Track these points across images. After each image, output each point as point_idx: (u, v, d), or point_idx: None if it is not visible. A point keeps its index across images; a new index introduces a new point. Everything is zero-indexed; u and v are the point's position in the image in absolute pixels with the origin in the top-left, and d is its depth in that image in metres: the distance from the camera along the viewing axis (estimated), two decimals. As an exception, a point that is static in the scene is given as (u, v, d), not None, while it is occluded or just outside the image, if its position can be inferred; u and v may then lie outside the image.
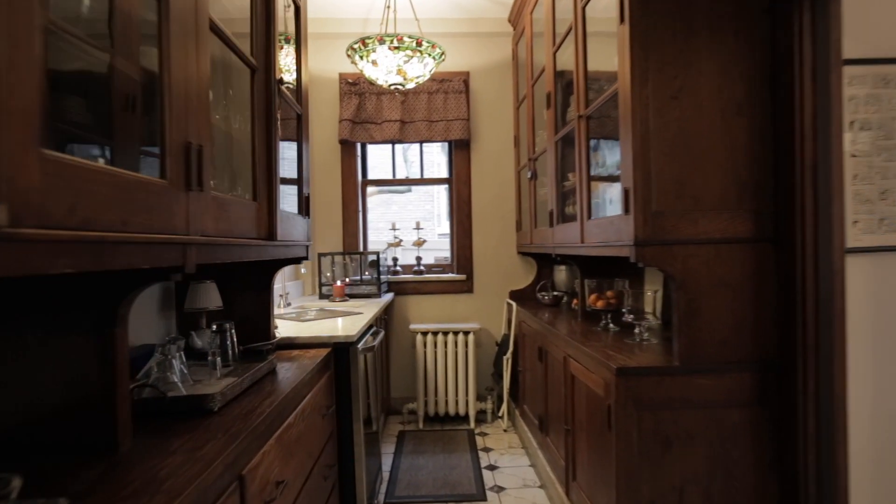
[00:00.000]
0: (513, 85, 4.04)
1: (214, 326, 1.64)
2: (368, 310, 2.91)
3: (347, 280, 3.76)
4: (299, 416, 1.55)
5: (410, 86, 3.21)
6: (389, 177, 4.66)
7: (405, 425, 3.81)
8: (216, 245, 1.20)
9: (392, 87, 3.21)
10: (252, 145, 1.49)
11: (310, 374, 1.74)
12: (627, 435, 1.75)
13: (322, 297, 3.63)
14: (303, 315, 2.69)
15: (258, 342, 2.04)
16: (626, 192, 1.82)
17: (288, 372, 1.71)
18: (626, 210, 1.82)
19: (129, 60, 0.99)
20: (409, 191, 9.46)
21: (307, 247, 2.08)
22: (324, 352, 2.03)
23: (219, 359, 1.50)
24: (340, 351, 2.17)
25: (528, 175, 3.52)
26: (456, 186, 4.12)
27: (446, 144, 4.32)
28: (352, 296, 3.63)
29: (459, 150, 4.09)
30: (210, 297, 1.94)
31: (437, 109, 3.95)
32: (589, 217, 2.32)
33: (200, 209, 1.11)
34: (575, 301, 3.22)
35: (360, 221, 4.17)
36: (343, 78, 3.98)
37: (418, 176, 5.11)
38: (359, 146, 4.18)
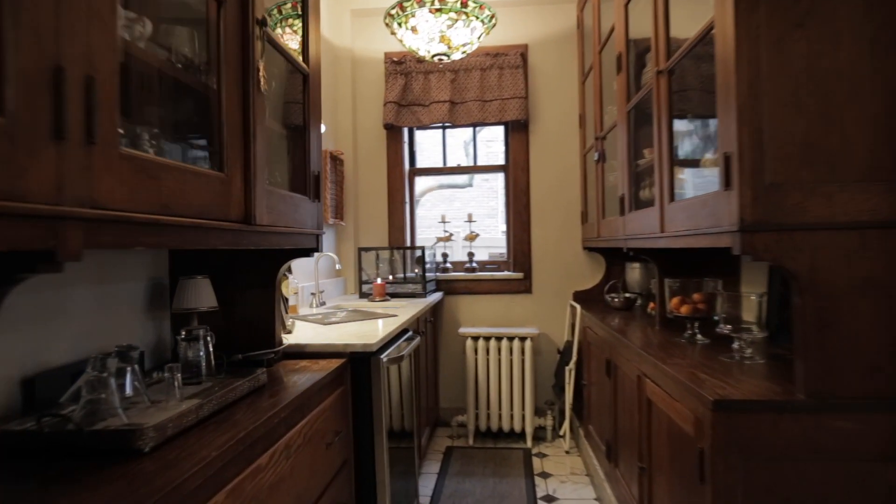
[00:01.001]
0: (578, 57, 3.54)
1: (183, 333, 1.32)
2: (406, 312, 2.54)
3: (391, 278, 3.42)
4: (280, 454, 1.19)
5: (456, 56, 2.82)
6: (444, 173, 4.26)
7: (454, 440, 3.42)
8: (133, 224, 0.85)
9: (436, 59, 2.82)
10: (217, 99, 1.14)
11: (308, 394, 1.38)
12: (729, 493, 1.26)
13: (363, 296, 3.31)
14: (330, 317, 2.36)
15: (260, 350, 1.72)
16: (726, 160, 1.33)
17: (282, 390, 1.36)
18: (727, 184, 1.33)
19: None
20: (471, 185, 9.02)
21: (317, 236, 1.73)
22: (336, 363, 1.67)
23: (179, 375, 1.17)
24: (361, 361, 1.80)
25: (595, 157, 3.02)
26: (513, 173, 3.67)
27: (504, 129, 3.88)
28: (395, 295, 3.29)
29: (516, 133, 3.65)
30: (201, 295, 1.63)
31: (491, 87, 3.53)
32: (671, 199, 1.83)
33: (90, 169, 0.76)
34: (651, 305, 2.70)
35: (407, 214, 3.82)
36: (388, 57, 3.65)
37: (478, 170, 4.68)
38: (406, 132, 3.83)
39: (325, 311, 2.61)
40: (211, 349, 1.36)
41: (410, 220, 3.88)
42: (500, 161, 3.92)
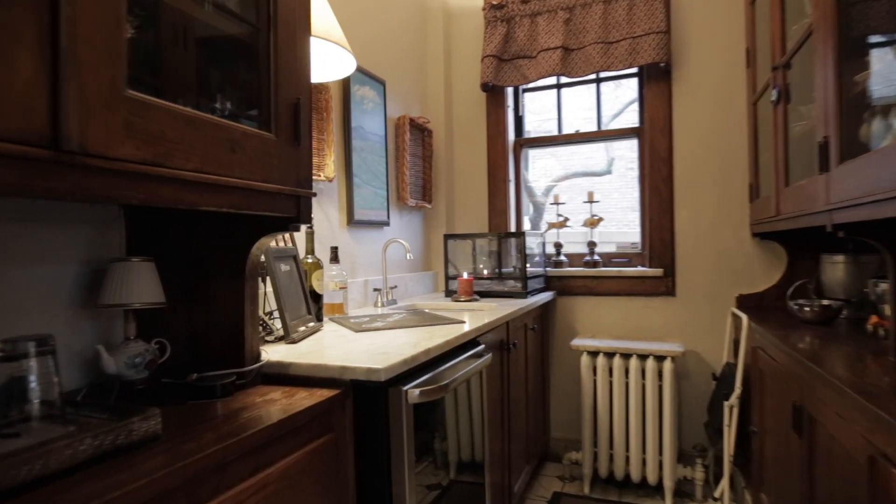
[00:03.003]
0: (744, -32, 2.55)
1: (-1, 347, 0.79)
2: (484, 317, 1.86)
3: (486, 273, 2.75)
4: None
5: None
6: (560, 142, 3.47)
7: (565, 483, 2.64)
8: None
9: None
10: None
11: (212, 463, 0.78)
12: None
13: (449, 294, 2.69)
14: (375, 321, 1.77)
15: (227, 367, 1.18)
16: None
17: (174, 449, 0.78)
18: None
19: None
20: (609, 172, 7.96)
21: (299, 199, 1.13)
22: (322, 396, 1.06)
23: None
24: (373, 393, 1.18)
25: (773, 97, 2.05)
26: (648, 136, 2.78)
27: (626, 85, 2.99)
28: (487, 294, 2.61)
29: (654, 83, 2.75)
30: (135, 286, 1.12)
31: (618, 23, 2.68)
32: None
33: None
34: (874, 318, 1.70)
35: (512, 195, 3.11)
36: (487, 2, 2.97)
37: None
38: (510, 95, 3.13)
39: (379, 313, 2.03)
40: (55, 378, 0.82)
41: (517, 202, 3.16)
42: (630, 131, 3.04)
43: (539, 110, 3.51)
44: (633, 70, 2.88)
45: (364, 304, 2.30)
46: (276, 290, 1.41)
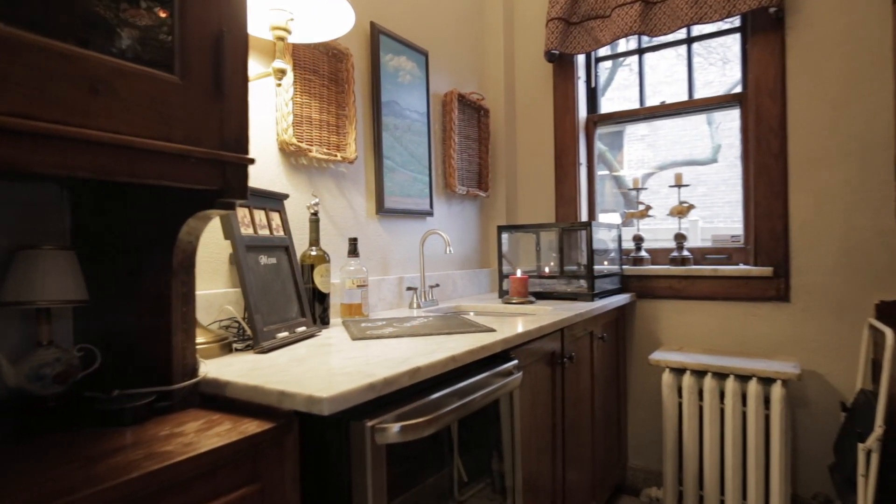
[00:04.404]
0: None
1: None
2: (528, 323, 1.50)
3: (546, 270, 2.37)
4: None
5: None
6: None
7: (643, 525, 2.19)
8: None
9: None
10: None
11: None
12: None
13: (503, 294, 2.33)
14: (386, 327, 1.47)
15: (160, 384, 0.93)
16: None
17: None
18: None
19: None
20: (715, 160, 7.08)
21: (224, 167, 0.85)
22: (243, 432, 0.78)
23: None
24: (333, 426, 0.88)
25: (934, 29, 1.49)
26: (754, 102, 2.24)
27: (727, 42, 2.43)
28: (546, 295, 2.23)
29: (761, 35, 2.20)
30: (41, 280, 0.91)
31: (713, -35, 2.17)
32: None
33: None
34: None
35: (583, 180, 2.69)
36: (553, -41, 2.57)
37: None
38: (581, 65, 2.70)
39: (405, 316, 1.73)
40: None
41: (589, 189, 2.73)
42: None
43: (635, 98, 3.03)
44: (733, 24, 2.35)
45: (398, 304, 2.02)
46: (244, 287, 1.15)
